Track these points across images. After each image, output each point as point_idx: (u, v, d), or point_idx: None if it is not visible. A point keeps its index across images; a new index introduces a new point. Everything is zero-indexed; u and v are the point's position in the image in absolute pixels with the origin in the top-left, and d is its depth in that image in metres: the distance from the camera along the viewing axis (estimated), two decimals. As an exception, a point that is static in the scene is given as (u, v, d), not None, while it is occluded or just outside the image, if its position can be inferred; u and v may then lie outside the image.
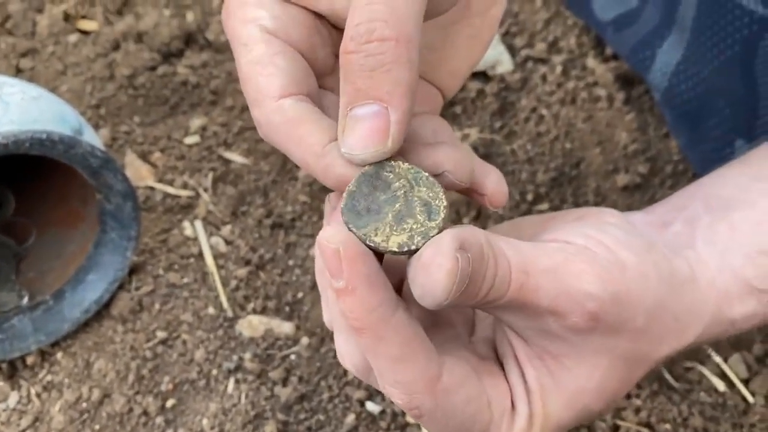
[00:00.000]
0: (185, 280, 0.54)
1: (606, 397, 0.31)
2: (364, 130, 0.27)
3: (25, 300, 0.53)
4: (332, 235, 0.27)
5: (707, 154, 0.58)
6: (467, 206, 0.59)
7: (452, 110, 0.63)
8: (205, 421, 0.48)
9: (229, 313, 0.53)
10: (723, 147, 0.55)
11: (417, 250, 0.27)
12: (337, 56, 0.32)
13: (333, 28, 0.32)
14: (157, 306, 0.53)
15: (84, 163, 0.48)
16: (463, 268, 0.26)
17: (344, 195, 0.28)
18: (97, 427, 0.48)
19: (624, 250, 0.31)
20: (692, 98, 0.57)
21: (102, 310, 0.52)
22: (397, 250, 0.27)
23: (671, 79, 0.58)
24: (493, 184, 0.33)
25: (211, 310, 0.53)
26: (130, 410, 0.49)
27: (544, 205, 0.59)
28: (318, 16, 0.31)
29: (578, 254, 0.30)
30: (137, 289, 0.54)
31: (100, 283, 0.52)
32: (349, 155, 0.28)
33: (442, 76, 0.35)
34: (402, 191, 0.28)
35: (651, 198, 0.61)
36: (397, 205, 0.28)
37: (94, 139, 0.51)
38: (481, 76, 0.64)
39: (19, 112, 0.47)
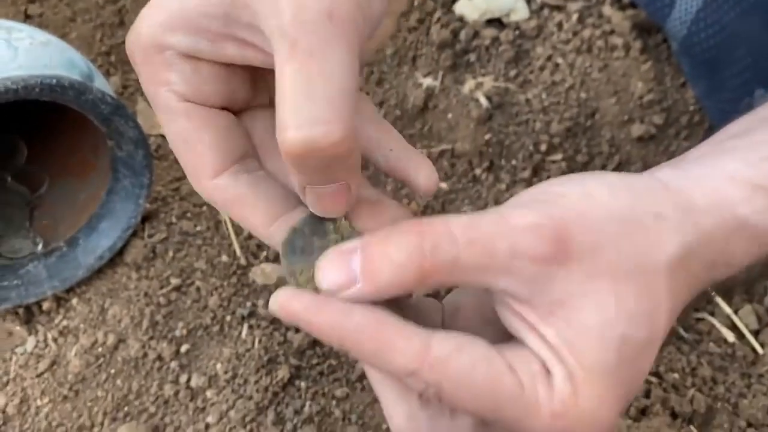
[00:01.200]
0: (198, 228, 0.54)
1: (640, 320, 0.29)
2: (329, 201, 0.29)
3: (40, 247, 0.53)
4: (272, 301, 0.29)
5: (725, 104, 0.57)
6: (479, 158, 0.59)
7: (466, 58, 0.62)
8: (219, 366, 0.49)
9: (242, 261, 0.53)
10: (742, 96, 0.54)
11: None
12: (255, 80, 0.32)
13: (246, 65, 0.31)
14: (170, 253, 0.53)
15: (95, 110, 0.47)
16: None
17: (288, 230, 0.31)
18: (112, 371, 0.49)
19: (564, 186, 0.30)
20: (712, 46, 0.56)
21: (116, 257, 0.53)
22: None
23: (691, 27, 0.56)
24: (424, 179, 0.33)
25: (224, 258, 0.53)
26: (145, 355, 0.49)
27: (558, 156, 0.59)
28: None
29: (515, 203, 0.30)
30: (150, 236, 0.54)
31: (113, 230, 0.52)
32: (315, 211, 0.30)
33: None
34: (334, 244, 0.30)
35: (665, 149, 0.60)
36: (325, 252, 0.30)
37: (104, 85, 0.51)
38: (496, 23, 0.63)
39: (27, 57, 0.47)
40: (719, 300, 0.53)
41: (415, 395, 0.31)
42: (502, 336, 0.31)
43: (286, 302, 0.28)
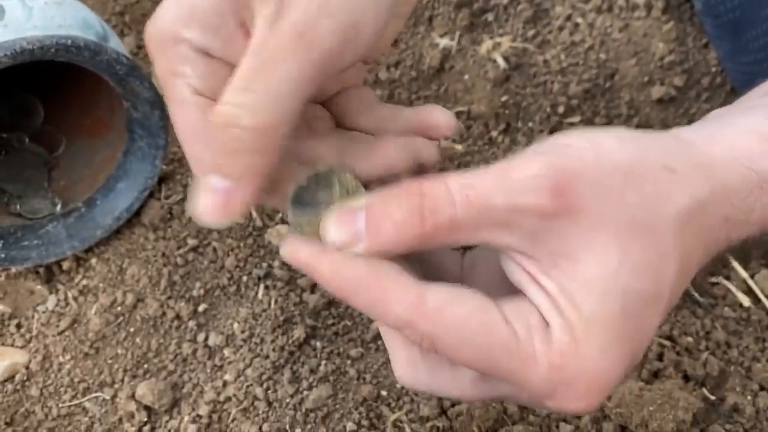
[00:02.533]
0: (214, 189, 0.55)
1: (645, 273, 0.28)
2: (213, 201, 0.30)
3: (58, 207, 0.54)
4: (282, 248, 0.31)
5: (748, 66, 0.56)
6: (496, 120, 0.58)
7: (484, 17, 0.61)
8: (236, 325, 0.50)
9: (258, 223, 0.54)
10: (765, 58, 0.53)
11: None
12: None
13: None
14: (187, 214, 0.54)
15: (110, 71, 0.47)
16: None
17: (294, 186, 0.32)
18: (132, 329, 0.50)
19: (571, 138, 0.30)
20: (736, 6, 0.54)
21: (133, 218, 0.53)
22: None
23: (715, -15, 0.55)
24: (443, 119, 0.34)
25: (240, 219, 0.54)
26: (163, 314, 0.50)
27: (576, 118, 0.58)
28: None
29: (518, 155, 0.29)
30: (167, 197, 0.54)
31: (130, 191, 0.52)
32: (197, 216, 0.30)
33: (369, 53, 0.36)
34: (339, 198, 0.31)
35: (685, 111, 0.60)
36: (331, 207, 0.31)
37: (119, 46, 0.51)
38: (515, -18, 0.62)
39: (42, 17, 0.47)
40: (735, 264, 0.53)
41: (417, 346, 0.31)
42: (515, 292, 0.31)
43: (293, 250, 0.30)
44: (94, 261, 0.52)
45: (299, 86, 0.29)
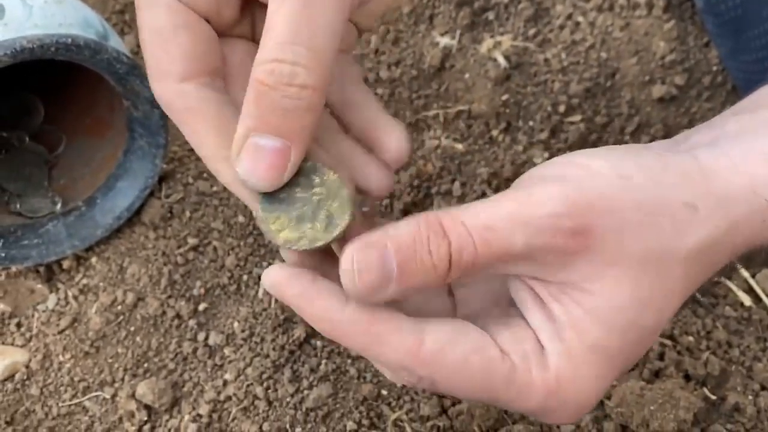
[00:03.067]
0: (215, 188, 0.55)
1: (651, 308, 0.29)
2: (264, 162, 0.28)
3: (59, 206, 0.54)
4: (265, 278, 0.29)
5: (749, 65, 0.56)
6: (496, 119, 0.58)
7: (485, 16, 0.61)
8: (236, 324, 0.50)
9: (258, 222, 0.54)
10: (766, 57, 0.53)
11: (296, 251, 0.29)
12: (244, 8, 0.32)
13: None
14: (187, 213, 0.54)
15: (110, 69, 0.47)
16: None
17: None
18: (132, 328, 0.50)
19: (595, 159, 0.30)
20: (738, 5, 0.54)
21: (133, 217, 0.53)
22: (281, 243, 0.29)
23: (716, -16, 0.55)
24: (395, 142, 0.33)
25: (240, 219, 0.54)
26: (164, 313, 0.50)
27: (576, 117, 0.58)
28: None
29: (540, 182, 0.29)
30: (167, 196, 0.54)
31: (130, 190, 0.52)
32: (243, 180, 0.28)
33: (361, 16, 0.35)
34: (318, 198, 0.29)
35: (686, 111, 0.59)
36: (305, 207, 0.29)
37: (119, 44, 0.51)
38: (515, -20, 0.62)
39: (42, 15, 0.47)
40: (737, 264, 0.53)
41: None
42: (505, 306, 0.32)
43: (279, 285, 0.29)
44: (94, 260, 0.52)
45: (338, 30, 0.28)
